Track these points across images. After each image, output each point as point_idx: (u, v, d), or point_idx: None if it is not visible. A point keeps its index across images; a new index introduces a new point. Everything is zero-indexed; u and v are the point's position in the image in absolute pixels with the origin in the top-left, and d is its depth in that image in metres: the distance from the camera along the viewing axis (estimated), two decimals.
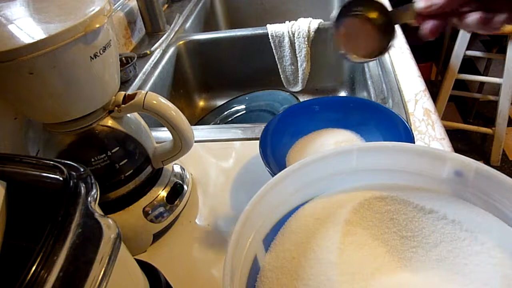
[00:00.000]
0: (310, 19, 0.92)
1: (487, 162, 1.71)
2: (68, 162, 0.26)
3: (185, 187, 0.50)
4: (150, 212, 0.45)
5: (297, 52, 0.94)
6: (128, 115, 0.44)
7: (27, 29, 0.33)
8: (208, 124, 0.93)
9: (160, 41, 0.94)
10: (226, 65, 1.01)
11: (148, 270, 0.38)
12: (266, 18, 1.26)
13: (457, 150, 0.39)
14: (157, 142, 0.48)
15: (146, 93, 0.41)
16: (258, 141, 0.49)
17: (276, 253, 0.32)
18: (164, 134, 0.63)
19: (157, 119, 0.42)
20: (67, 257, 0.20)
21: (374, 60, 0.42)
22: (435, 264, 0.31)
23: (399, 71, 0.69)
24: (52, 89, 0.35)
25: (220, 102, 1.01)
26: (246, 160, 0.57)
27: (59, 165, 0.25)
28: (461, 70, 1.60)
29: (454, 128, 1.73)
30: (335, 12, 0.37)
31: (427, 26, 0.34)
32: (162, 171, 0.49)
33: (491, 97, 1.70)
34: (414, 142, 0.46)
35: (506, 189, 0.30)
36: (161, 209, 0.46)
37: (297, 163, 0.34)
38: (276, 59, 0.97)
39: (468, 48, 1.54)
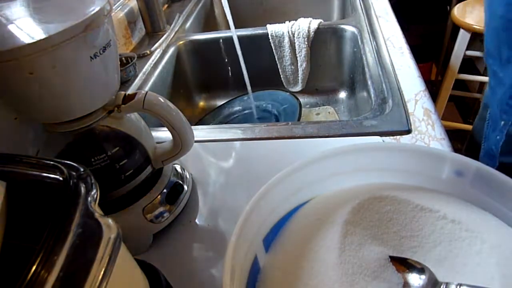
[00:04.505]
0: (310, 19, 0.92)
1: None
2: (68, 162, 0.26)
3: (185, 187, 0.50)
4: (150, 212, 0.45)
5: (297, 52, 0.94)
6: (128, 115, 0.44)
7: (27, 29, 0.33)
8: (208, 124, 0.93)
9: (160, 41, 0.94)
10: (226, 65, 1.01)
11: (148, 270, 0.38)
12: (266, 18, 1.26)
13: (457, 150, 0.39)
14: (157, 142, 0.48)
15: (146, 93, 0.41)
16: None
17: (276, 253, 0.32)
18: (164, 134, 0.63)
19: (157, 119, 0.42)
20: (67, 257, 0.20)
21: None
22: (435, 264, 0.31)
23: (399, 71, 0.69)
24: (52, 89, 0.35)
25: (220, 102, 1.01)
26: (246, 160, 0.57)
27: (59, 165, 0.25)
28: (461, 70, 1.60)
29: (454, 128, 1.73)
30: None
31: None
32: (162, 171, 0.49)
33: None
34: None
35: (506, 189, 0.30)
36: (161, 209, 0.46)
37: (297, 163, 0.34)
38: (276, 59, 0.97)
39: (468, 48, 1.54)
